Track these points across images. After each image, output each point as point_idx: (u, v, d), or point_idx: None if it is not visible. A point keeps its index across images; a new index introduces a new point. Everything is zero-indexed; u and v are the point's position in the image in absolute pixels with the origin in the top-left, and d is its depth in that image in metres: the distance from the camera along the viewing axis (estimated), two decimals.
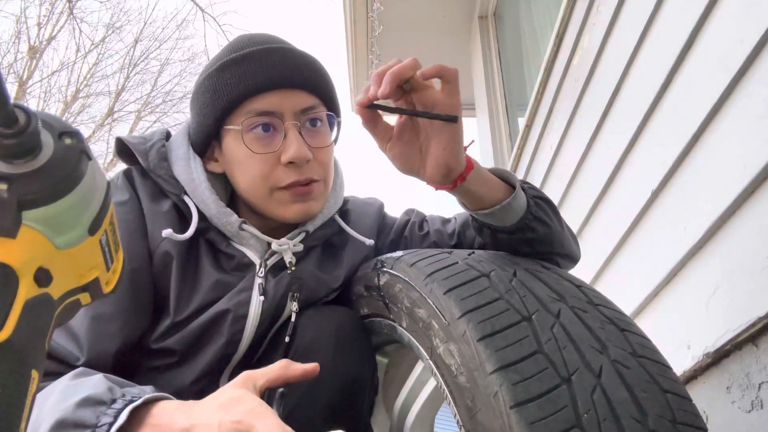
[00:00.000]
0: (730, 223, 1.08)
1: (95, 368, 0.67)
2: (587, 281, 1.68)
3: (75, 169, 0.35)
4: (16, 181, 0.33)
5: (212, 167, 0.88)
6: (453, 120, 0.67)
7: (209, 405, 0.57)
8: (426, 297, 0.67)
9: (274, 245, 0.85)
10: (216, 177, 0.88)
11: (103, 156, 10.18)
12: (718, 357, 1.11)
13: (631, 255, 1.49)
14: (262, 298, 0.82)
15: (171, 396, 0.62)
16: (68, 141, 0.35)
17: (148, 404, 0.58)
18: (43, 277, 0.34)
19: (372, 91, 0.66)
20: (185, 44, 18.72)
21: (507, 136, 2.96)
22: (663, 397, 0.54)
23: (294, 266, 0.85)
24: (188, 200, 0.84)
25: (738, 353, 1.07)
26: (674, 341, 1.24)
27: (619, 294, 1.48)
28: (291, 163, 0.81)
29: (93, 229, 0.38)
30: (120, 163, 0.94)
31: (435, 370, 0.65)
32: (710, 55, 1.14)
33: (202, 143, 0.87)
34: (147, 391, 0.60)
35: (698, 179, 1.18)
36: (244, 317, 0.81)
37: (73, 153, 0.35)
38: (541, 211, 0.79)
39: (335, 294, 0.92)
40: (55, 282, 0.36)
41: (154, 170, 0.85)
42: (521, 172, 2.49)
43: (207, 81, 0.85)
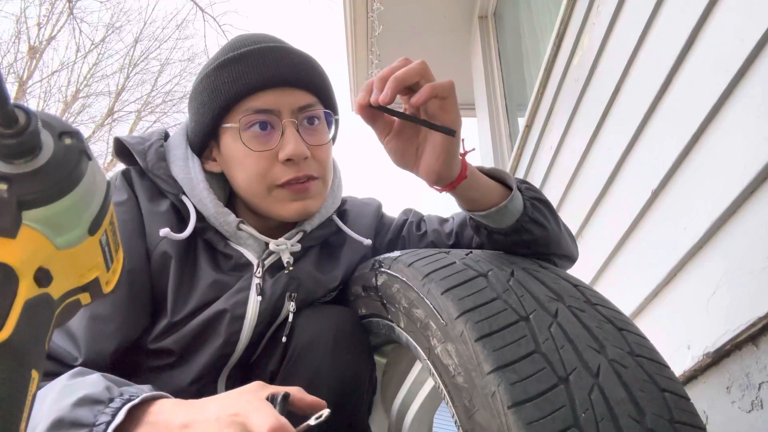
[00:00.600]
0: (730, 223, 1.07)
1: (93, 368, 0.67)
2: (587, 281, 1.68)
3: (75, 169, 0.35)
4: (16, 181, 0.33)
5: (210, 167, 0.88)
6: (451, 133, 0.67)
7: (209, 402, 0.57)
8: (424, 297, 0.67)
9: (272, 245, 0.85)
10: (214, 177, 0.89)
11: (103, 156, 10.17)
12: (718, 357, 1.11)
13: (631, 255, 1.49)
14: (260, 298, 0.82)
15: (169, 395, 0.61)
16: (68, 141, 0.36)
17: (146, 403, 0.58)
18: (43, 277, 0.34)
19: (374, 96, 0.66)
20: (185, 44, 18.75)
21: (507, 136, 2.96)
22: (661, 396, 0.54)
23: (292, 266, 0.85)
24: (186, 200, 0.84)
25: (738, 353, 1.07)
26: (674, 341, 1.24)
27: (620, 294, 1.48)
28: (288, 161, 0.82)
29: (93, 229, 0.38)
30: (120, 163, 0.94)
31: (433, 370, 0.65)
32: (710, 55, 1.14)
33: (201, 143, 0.87)
34: (145, 390, 0.60)
35: (698, 179, 1.18)
36: (242, 317, 0.81)
37: (73, 153, 0.35)
38: (538, 213, 0.79)
39: (333, 294, 0.92)
40: (55, 282, 0.36)
41: (152, 170, 0.85)
42: (521, 172, 2.49)
43: (205, 80, 0.85)
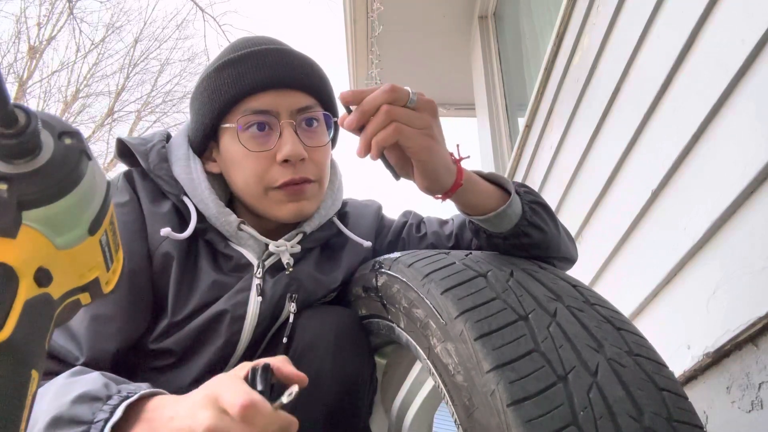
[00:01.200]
0: (730, 223, 1.07)
1: (94, 368, 0.67)
2: (588, 281, 1.67)
3: (75, 169, 0.35)
4: (16, 181, 0.33)
5: (210, 167, 0.89)
6: (395, 177, 0.71)
7: (195, 391, 0.57)
8: (423, 297, 0.67)
9: (272, 246, 0.85)
10: (215, 178, 0.89)
11: (103, 156, 10.18)
12: (718, 357, 1.11)
13: (631, 255, 1.49)
14: (260, 299, 0.82)
15: (166, 392, 0.61)
16: (68, 141, 0.36)
17: (144, 400, 0.59)
18: (44, 277, 0.35)
19: (360, 150, 0.66)
20: (185, 44, 18.73)
21: (507, 136, 2.96)
22: (659, 395, 0.55)
23: (292, 267, 0.86)
24: (187, 200, 0.85)
25: (738, 353, 1.07)
26: (674, 341, 1.24)
27: (619, 294, 1.48)
28: (286, 162, 0.82)
29: (93, 229, 0.38)
30: (120, 164, 0.94)
31: (432, 370, 0.65)
32: (710, 55, 1.14)
33: (201, 143, 0.88)
34: (143, 387, 0.60)
35: (698, 179, 1.18)
36: (242, 318, 0.81)
37: (73, 153, 0.35)
38: (537, 217, 0.79)
39: (333, 295, 0.92)
40: (55, 282, 0.36)
41: (154, 171, 0.86)
42: (521, 172, 2.48)
43: (205, 81, 0.86)
